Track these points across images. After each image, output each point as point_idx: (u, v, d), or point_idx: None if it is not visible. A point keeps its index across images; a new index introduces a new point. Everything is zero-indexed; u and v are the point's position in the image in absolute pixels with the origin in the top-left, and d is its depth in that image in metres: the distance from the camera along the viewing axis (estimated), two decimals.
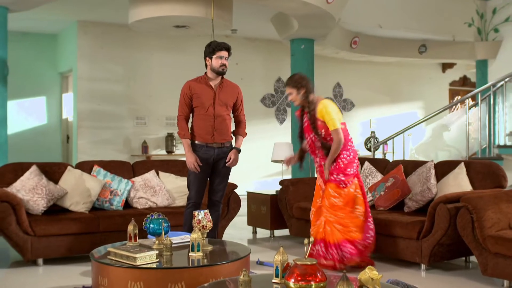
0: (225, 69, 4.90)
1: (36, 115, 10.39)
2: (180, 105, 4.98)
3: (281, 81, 11.63)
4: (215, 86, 4.93)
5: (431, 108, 13.39)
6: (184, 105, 4.95)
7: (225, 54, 4.88)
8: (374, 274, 2.59)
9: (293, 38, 8.96)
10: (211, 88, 4.91)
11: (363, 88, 12.78)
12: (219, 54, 4.85)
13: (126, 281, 3.23)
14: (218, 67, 4.87)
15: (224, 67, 4.89)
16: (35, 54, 10.36)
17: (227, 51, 4.91)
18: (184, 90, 4.95)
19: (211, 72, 4.91)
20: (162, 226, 3.79)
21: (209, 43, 4.96)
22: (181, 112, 4.98)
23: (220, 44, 4.90)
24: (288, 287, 2.57)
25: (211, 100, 4.89)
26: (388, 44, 10.91)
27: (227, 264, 3.40)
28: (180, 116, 4.98)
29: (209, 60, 4.89)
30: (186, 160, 4.91)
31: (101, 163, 5.88)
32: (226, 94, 4.97)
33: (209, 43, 4.95)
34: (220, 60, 4.86)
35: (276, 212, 6.47)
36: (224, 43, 4.95)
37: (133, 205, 5.75)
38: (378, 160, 6.41)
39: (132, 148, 10.00)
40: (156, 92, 10.18)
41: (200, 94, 4.89)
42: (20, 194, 5.11)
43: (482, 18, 11.12)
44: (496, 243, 4.09)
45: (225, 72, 4.93)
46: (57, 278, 4.58)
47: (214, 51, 4.85)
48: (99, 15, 9.18)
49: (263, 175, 11.15)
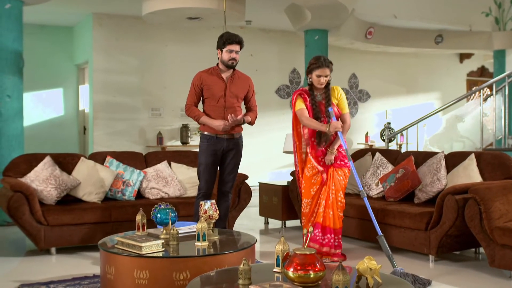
0: (234, 62, 4.86)
1: (53, 107, 10.54)
2: (189, 94, 4.98)
3: (296, 72, 11.62)
4: (226, 78, 4.91)
5: (448, 99, 13.23)
6: (193, 95, 4.94)
7: (236, 47, 4.83)
8: (372, 264, 2.61)
9: (307, 29, 8.95)
10: (222, 80, 4.90)
11: (379, 79, 12.72)
12: (230, 48, 4.80)
13: (132, 269, 3.29)
14: (227, 60, 4.84)
15: (234, 60, 4.85)
16: (52, 47, 10.49)
17: (239, 45, 4.85)
18: (195, 80, 4.94)
19: (222, 64, 4.91)
20: (169, 216, 3.84)
21: (222, 34, 4.91)
22: (190, 101, 4.97)
23: (231, 37, 4.83)
24: (287, 276, 2.61)
25: (222, 92, 4.88)
26: (403, 35, 10.84)
27: (232, 254, 3.44)
28: (189, 104, 4.97)
29: (220, 52, 4.87)
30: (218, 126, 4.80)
31: (114, 154, 5.97)
32: (237, 86, 4.95)
33: (222, 35, 4.90)
34: (230, 53, 4.81)
35: (287, 203, 6.50)
36: (236, 35, 4.88)
37: (145, 195, 5.82)
38: (389, 151, 6.39)
39: (147, 139, 10.10)
40: (170, 83, 10.25)
41: (211, 86, 4.88)
42: (34, 184, 5.21)
43: (500, 8, 10.98)
44: (504, 235, 4.08)
45: (235, 65, 4.90)
46: (70, 267, 4.67)
47: (225, 44, 4.81)
48: (114, 7, 9.26)
49: (278, 166, 11.18)
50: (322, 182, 4.84)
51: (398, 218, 4.98)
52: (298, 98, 4.93)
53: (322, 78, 4.81)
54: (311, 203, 4.87)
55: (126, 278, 3.32)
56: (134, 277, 3.28)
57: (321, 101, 4.92)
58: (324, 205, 4.80)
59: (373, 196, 5.86)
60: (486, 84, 7.78)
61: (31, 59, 9.16)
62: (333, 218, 4.79)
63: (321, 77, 4.79)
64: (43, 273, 4.45)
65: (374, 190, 5.86)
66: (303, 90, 4.99)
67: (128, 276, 3.31)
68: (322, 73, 4.78)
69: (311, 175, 4.89)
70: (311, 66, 4.85)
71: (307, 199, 4.88)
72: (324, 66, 4.77)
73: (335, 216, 4.80)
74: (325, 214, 4.79)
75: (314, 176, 4.88)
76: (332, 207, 4.80)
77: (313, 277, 2.57)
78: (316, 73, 4.80)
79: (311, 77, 4.87)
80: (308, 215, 4.88)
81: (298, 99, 4.93)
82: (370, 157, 6.20)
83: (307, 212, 4.88)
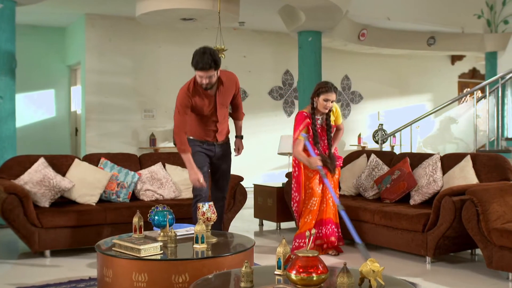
0: (208, 86, 4.42)
1: (45, 108, 10.45)
2: (178, 118, 4.49)
3: (289, 73, 11.60)
4: (211, 92, 4.55)
5: (440, 100, 13.28)
6: (183, 118, 4.48)
7: (208, 74, 4.31)
8: (375, 266, 2.59)
9: (301, 31, 8.93)
10: (208, 97, 4.55)
11: (372, 81, 12.73)
12: (200, 74, 4.34)
13: (130, 272, 3.26)
14: (199, 83, 4.43)
15: (207, 85, 4.40)
16: (44, 47, 10.40)
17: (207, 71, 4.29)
18: (183, 101, 4.45)
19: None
20: (167, 218, 3.81)
21: (195, 53, 4.35)
22: (180, 125, 4.50)
23: (199, 64, 4.28)
24: (290, 278, 2.59)
25: (213, 109, 4.59)
26: (396, 36, 10.86)
27: (231, 256, 3.41)
28: (179, 129, 4.50)
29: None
30: (190, 177, 4.51)
31: (108, 155, 5.92)
32: (225, 95, 4.65)
33: (195, 54, 4.35)
34: (201, 79, 4.37)
35: (282, 205, 6.49)
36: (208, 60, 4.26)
37: (140, 197, 5.78)
38: (384, 152, 6.40)
39: (140, 140, 10.04)
40: (163, 84, 10.20)
41: (199, 106, 4.54)
42: (28, 186, 5.15)
43: (491, 10, 11.03)
44: (502, 236, 4.08)
45: (209, 88, 4.46)
46: (65, 269, 4.63)
47: (195, 68, 4.34)
48: (107, 8, 9.20)
49: (271, 167, 11.15)
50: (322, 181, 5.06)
51: (394, 219, 4.97)
52: (305, 128, 5.08)
53: (329, 103, 4.99)
54: (318, 201, 5.07)
55: (124, 281, 3.29)
56: (132, 280, 3.25)
57: (321, 126, 5.15)
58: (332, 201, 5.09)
59: (368, 197, 5.86)
60: (479, 86, 7.81)
61: (23, 60, 9.08)
62: (335, 213, 5.11)
63: (328, 101, 4.96)
64: (38, 276, 4.40)
65: (370, 192, 5.86)
66: (308, 115, 5.11)
67: (126, 279, 3.27)
68: (330, 97, 4.96)
69: (315, 175, 5.07)
70: (319, 90, 5.00)
71: (315, 198, 5.05)
72: (331, 91, 4.95)
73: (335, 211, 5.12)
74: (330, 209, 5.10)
75: (317, 176, 5.07)
76: (333, 203, 5.09)
77: (316, 280, 2.55)
78: (323, 97, 4.97)
79: (318, 100, 5.02)
80: (314, 212, 5.05)
81: (305, 128, 5.08)
82: (365, 159, 6.20)
83: (315, 210, 5.05)
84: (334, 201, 5.02)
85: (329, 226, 5.07)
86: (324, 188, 5.08)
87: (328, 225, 5.07)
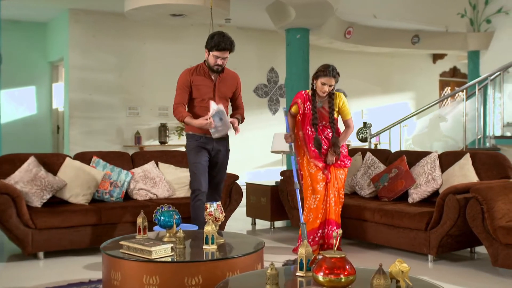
0: (219, 68, 4.66)
1: (26, 105, 10.18)
2: (178, 94, 4.69)
3: (274, 71, 11.53)
4: (214, 77, 4.75)
5: (422, 98, 13.41)
6: (183, 93, 4.67)
7: (224, 54, 4.58)
8: (404, 266, 2.54)
9: (289, 28, 8.85)
10: (211, 80, 4.73)
11: (356, 79, 12.73)
12: (217, 54, 4.58)
13: (141, 275, 3.13)
14: (212, 65, 4.65)
15: (219, 66, 4.64)
16: (25, 43, 10.11)
17: (228, 52, 4.60)
18: (183, 79, 4.69)
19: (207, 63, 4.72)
20: (173, 218, 3.70)
21: (213, 35, 4.61)
22: (180, 100, 4.68)
23: (221, 44, 4.54)
24: (317, 280, 2.50)
25: (211, 93, 4.72)
26: (381, 35, 10.85)
27: (243, 257, 3.31)
28: (178, 103, 4.67)
29: (207, 53, 4.67)
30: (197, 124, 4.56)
31: (100, 153, 5.77)
32: (226, 86, 4.80)
33: (212, 35, 4.61)
34: (216, 59, 4.61)
35: (276, 203, 6.41)
36: (227, 41, 4.56)
37: (133, 196, 5.65)
38: (380, 150, 6.37)
39: (124, 138, 9.85)
40: (149, 81, 10.03)
41: (199, 86, 4.70)
42: (19, 185, 4.97)
43: (474, 9, 11.11)
44: (508, 234, 4.08)
45: (220, 71, 4.70)
46: (60, 271, 4.47)
47: (212, 49, 4.57)
48: (91, 3, 8.98)
49: (256, 165, 11.07)
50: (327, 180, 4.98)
51: (396, 218, 4.93)
52: (294, 105, 5.10)
53: (326, 87, 4.90)
54: (319, 199, 4.97)
55: (134, 284, 3.16)
56: (143, 283, 3.12)
57: (322, 107, 5.03)
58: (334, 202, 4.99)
59: (365, 196, 5.82)
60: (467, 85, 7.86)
61: (4, 55, 8.80)
62: (338, 214, 5.02)
63: (325, 85, 4.89)
64: (34, 279, 4.24)
65: (366, 190, 5.82)
66: (307, 94, 5.05)
67: (137, 282, 3.14)
68: (327, 82, 4.87)
69: (316, 172, 4.99)
70: (318, 72, 4.93)
71: (315, 195, 4.98)
72: (330, 76, 4.86)
73: (339, 212, 5.04)
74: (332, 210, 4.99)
75: (319, 173, 4.98)
76: (336, 203, 5.00)
77: (344, 281, 2.47)
78: (321, 80, 4.89)
79: (316, 83, 4.96)
80: (315, 210, 4.98)
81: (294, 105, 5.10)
82: (361, 157, 6.16)
83: (315, 207, 4.98)
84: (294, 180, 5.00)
85: (331, 227, 4.98)
86: (328, 187, 4.99)
87: (330, 225, 4.99)
